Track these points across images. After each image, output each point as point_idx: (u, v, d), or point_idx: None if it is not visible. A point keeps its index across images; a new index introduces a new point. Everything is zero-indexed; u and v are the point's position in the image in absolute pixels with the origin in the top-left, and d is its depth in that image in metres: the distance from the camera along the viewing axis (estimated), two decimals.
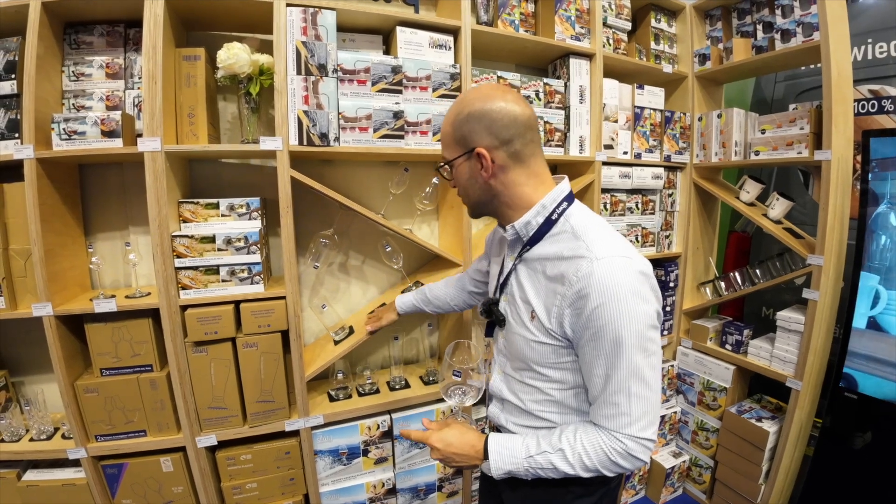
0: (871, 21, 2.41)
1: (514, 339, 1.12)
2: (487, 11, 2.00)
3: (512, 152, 1.03)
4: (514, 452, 1.03)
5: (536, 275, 1.06)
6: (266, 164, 1.90)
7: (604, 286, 0.91)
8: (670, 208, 2.58)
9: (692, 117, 2.52)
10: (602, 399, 0.97)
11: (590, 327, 0.94)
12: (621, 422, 0.95)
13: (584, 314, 0.93)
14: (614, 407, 0.95)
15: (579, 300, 0.94)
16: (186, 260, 1.58)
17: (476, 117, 1.02)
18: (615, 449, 0.96)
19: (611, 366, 0.94)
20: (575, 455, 0.97)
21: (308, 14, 1.62)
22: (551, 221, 1.06)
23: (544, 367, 1.06)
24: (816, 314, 1.97)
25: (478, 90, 1.06)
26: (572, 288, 0.95)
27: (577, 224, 1.04)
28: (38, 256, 1.48)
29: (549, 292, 1.02)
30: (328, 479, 1.91)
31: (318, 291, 2.06)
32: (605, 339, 0.92)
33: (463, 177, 1.09)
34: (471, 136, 1.03)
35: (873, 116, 2.38)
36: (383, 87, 1.76)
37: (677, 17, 2.53)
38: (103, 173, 1.75)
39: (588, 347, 0.96)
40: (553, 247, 1.04)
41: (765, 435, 2.16)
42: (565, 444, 0.99)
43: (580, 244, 0.99)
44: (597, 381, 0.97)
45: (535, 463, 1.01)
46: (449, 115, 1.08)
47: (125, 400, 1.62)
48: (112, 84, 1.66)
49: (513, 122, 1.01)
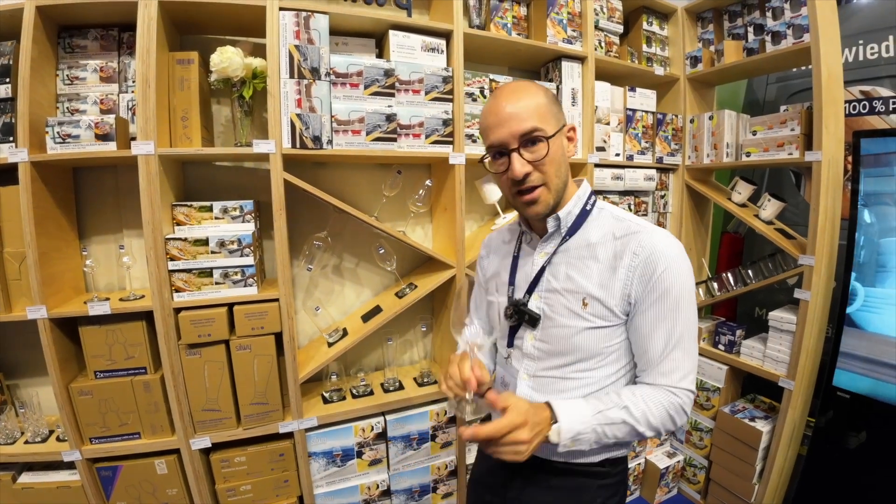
0: (862, 22, 2.43)
1: (558, 334, 1.08)
2: (480, 15, 2.02)
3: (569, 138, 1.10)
4: (581, 411, 0.97)
5: (583, 261, 1.07)
6: (259, 166, 1.90)
7: (668, 252, 0.99)
8: (663, 210, 2.59)
9: (684, 119, 2.54)
10: (662, 356, 1.01)
11: (655, 290, 0.99)
12: (678, 375, 1.01)
13: (653, 279, 0.99)
14: (673, 362, 1.00)
15: (648, 266, 1.00)
16: (180, 263, 1.59)
17: (554, 97, 1.07)
18: (673, 403, 1.00)
19: (672, 324, 1.00)
20: (639, 411, 0.98)
21: (301, 18, 1.63)
22: (586, 212, 1.11)
23: (596, 354, 1.06)
24: (808, 314, 1.98)
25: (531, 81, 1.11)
26: (638, 258, 1.00)
27: (613, 210, 1.12)
28: (33, 259, 1.49)
29: (606, 272, 1.04)
30: (322, 481, 1.92)
31: (312, 294, 2.07)
32: (669, 298, 0.99)
33: (558, 154, 1.05)
34: (560, 115, 1.07)
35: (865, 117, 2.39)
36: (376, 91, 1.77)
37: (669, 19, 2.55)
38: (97, 176, 1.76)
39: (651, 311, 1.01)
40: (598, 231, 1.09)
41: (758, 434, 2.17)
42: (627, 401, 0.99)
43: (629, 223, 1.06)
44: (657, 342, 1.01)
45: (604, 419, 0.97)
46: (538, 90, 1.05)
47: (119, 402, 1.63)
48: (106, 87, 1.67)
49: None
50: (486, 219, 2.34)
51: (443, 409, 2.04)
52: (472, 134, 1.98)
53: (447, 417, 2.06)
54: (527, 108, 1.01)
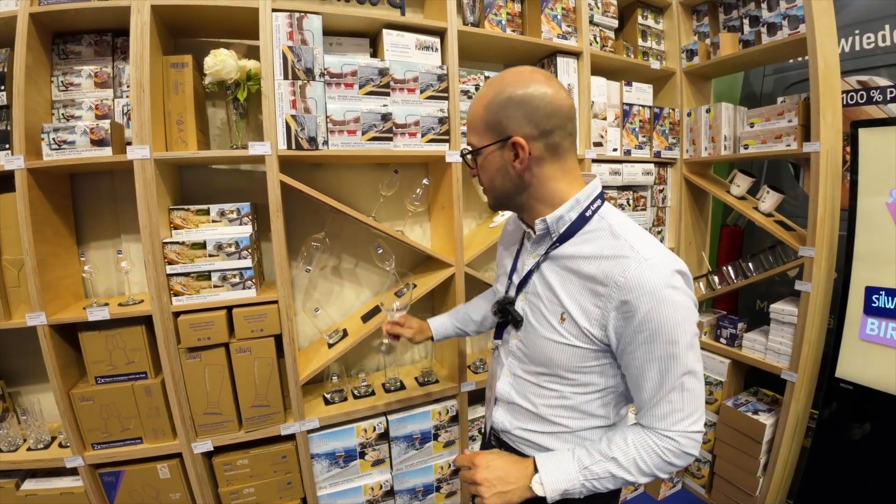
0: (858, 12, 2.42)
1: (535, 342, 1.05)
2: (474, 12, 2.01)
3: (550, 144, 0.96)
4: (566, 468, 0.96)
5: (568, 274, 0.99)
6: (256, 168, 1.90)
7: (654, 288, 0.87)
8: (661, 204, 2.58)
9: (681, 113, 2.53)
10: (656, 399, 0.93)
11: (643, 331, 0.89)
12: (675, 419, 0.92)
13: (636, 318, 0.88)
14: (669, 405, 0.92)
15: (627, 304, 0.89)
16: (178, 266, 1.59)
17: (516, 102, 0.94)
18: (668, 449, 0.92)
19: (666, 367, 0.90)
20: (629, 460, 0.93)
21: (294, 19, 1.63)
22: (585, 218, 1.00)
23: (572, 371, 1.01)
24: (809, 306, 1.98)
25: (518, 72, 0.97)
26: (619, 290, 0.89)
27: (614, 222, 0.98)
28: (31, 266, 1.49)
29: (586, 292, 0.95)
30: (325, 483, 1.92)
31: (311, 295, 2.06)
32: (659, 341, 0.88)
33: (492, 166, 1.00)
34: (507, 123, 0.95)
35: (862, 107, 2.38)
36: (371, 90, 1.77)
37: (664, 13, 2.55)
38: (94, 182, 1.76)
39: (640, 351, 0.91)
40: (589, 245, 0.98)
41: (762, 428, 2.16)
42: (616, 451, 0.95)
43: (621, 243, 0.93)
44: (649, 384, 0.93)
45: (591, 474, 0.94)
46: (482, 97, 0.99)
47: (121, 407, 1.63)
48: (101, 93, 1.67)
49: (556, 111, 0.94)
50: (485, 216, 2.34)
51: (445, 409, 2.04)
52: None
53: (449, 417, 2.06)
54: (469, 118, 1.03)
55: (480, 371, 2.16)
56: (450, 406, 2.06)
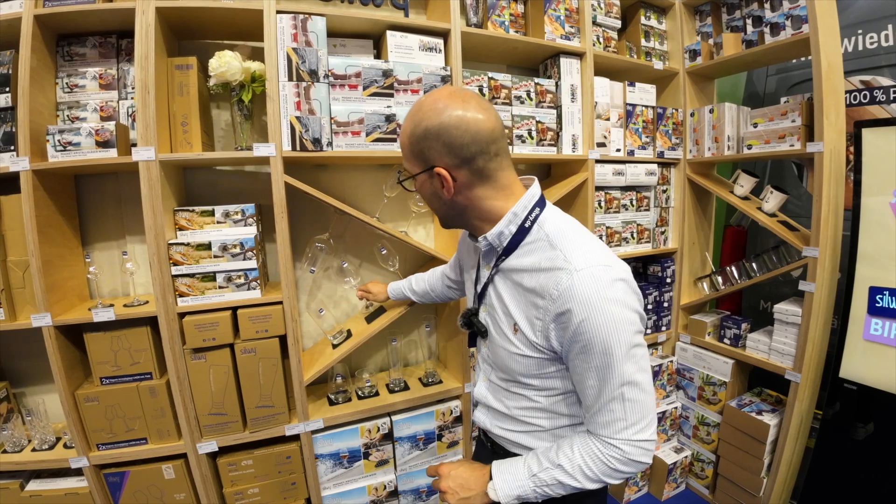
0: (861, 12, 2.42)
1: (497, 351, 1.08)
2: (477, 13, 2.02)
3: (475, 170, 0.95)
4: (517, 475, 1.00)
5: (515, 287, 1.01)
6: (260, 170, 1.91)
7: (586, 299, 0.87)
8: (665, 204, 2.58)
9: (684, 113, 2.53)
10: (596, 408, 0.95)
11: (578, 341, 0.90)
12: (617, 427, 0.93)
13: (570, 328, 0.90)
14: (610, 413, 0.93)
15: (563, 315, 0.90)
16: (183, 267, 1.60)
17: (433, 134, 0.93)
18: (613, 456, 0.93)
19: (602, 376, 0.91)
20: (574, 467, 0.95)
21: (298, 21, 1.63)
22: (524, 230, 1.00)
23: (529, 377, 1.03)
24: (813, 306, 1.97)
25: (435, 99, 0.95)
26: (554, 303, 0.91)
27: (551, 231, 0.99)
28: (36, 267, 1.49)
29: (529, 305, 0.97)
30: (330, 483, 1.92)
31: (316, 296, 2.07)
32: (593, 351, 0.89)
33: (426, 192, 1.03)
34: (429, 154, 0.95)
35: (865, 107, 2.38)
36: (375, 91, 1.77)
37: (667, 13, 2.55)
38: (99, 183, 1.77)
39: (578, 360, 0.93)
40: (528, 258, 0.99)
41: (766, 428, 2.16)
42: (563, 458, 0.97)
43: (557, 254, 0.94)
44: (590, 391, 0.94)
45: (539, 481, 0.98)
46: (405, 126, 0.99)
47: (126, 408, 1.63)
48: (106, 95, 1.68)
49: (473, 138, 0.92)
50: None
51: (449, 409, 2.04)
52: None
53: (453, 417, 2.06)
54: (400, 144, 1.04)
55: None
56: (454, 406, 2.06)
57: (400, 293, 1.80)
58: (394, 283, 1.83)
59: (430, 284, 1.71)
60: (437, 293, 1.70)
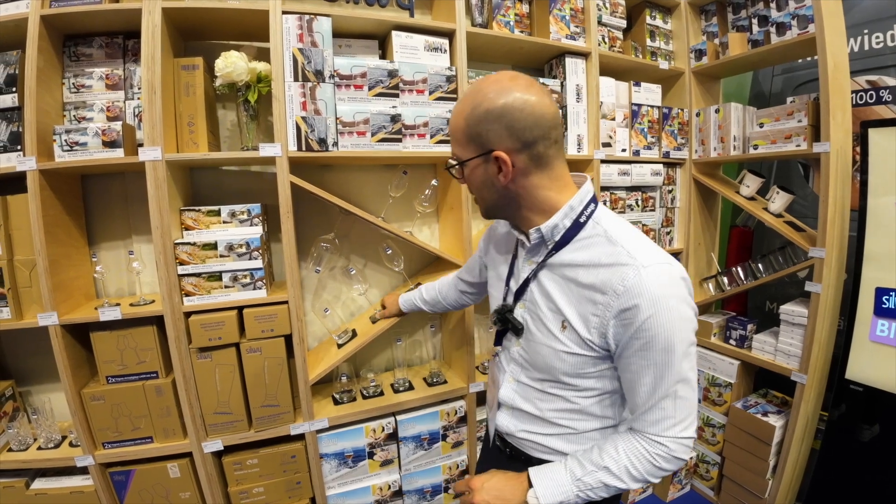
0: (867, 12, 2.41)
1: (537, 350, 1.04)
2: (482, 13, 2.01)
3: (534, 155, 0.93)
4: (559, 480, 0.97)
5: (566, 282, 0.98)
6: (266, 170, 1.91)
7: (654, 295, 0.86)
8: (670, 205, 2.58)
9: (690, 113, 2.52)
10: (648, 405, 0.93)
11: (640, 337, 0.88)
12: (666, 424, 0.92)
13: (634, 325, 0.88)
14: (661, 411, 0.92)
15: (627, 311, 0.88)
16: (189, 267, 1.60)
17: (495, 116, 0.90)
18: (658, 454, 0.93)
19: (660, 374, 0.90)
20: (621, 468, 0.94)
21: (304, 21, 1.64)
22: (579, 224, 0.98)
23: (574, 377, 1.00)
24: (819, 307, 1.96)
25: (496, 81, 0.93)
26: (618, 298, 0.89)
27: (609, 228, 0.97)
28: (43, 267, 1.50)
29: (585, 301, 0.95)
30: (334, 482, 1.92)
31: (321, 295, 2.07)
32: (655, 348, 0.88)
33: (477, 179, 0.99)
34: (488, 137, 0.92)
35: (872, 107, 2.37)
36: (380, 92, 1.77)
37: (672, 13, 2.54)
38: (106, 183, 1.77)
39: (635, 357, 0.91)
40: (585, 252, 0.96)
41: (771, 429, 2.15)
42: (608, 460, 0.95)
43: (619, 250, 0.92)
44: (643, 389, 0.92)
45: (583, 485, 0.95)
46: (462, 108, 0.96)
47: (131, 407, 1.64)
48: (112, 95, 1.68)
49: (537, 122, 0.90)
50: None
51: (453, 409, 2.04)
52: None
53: (458, 417, 2.06)
54: (451, 129, 1.01)
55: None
56: (458, 407, 2.06)
57: (411, 304, 1.73)
58: (405, 295, 1.75)
59: (441, 293, 1.64)
60: (448, 301, 1.63)
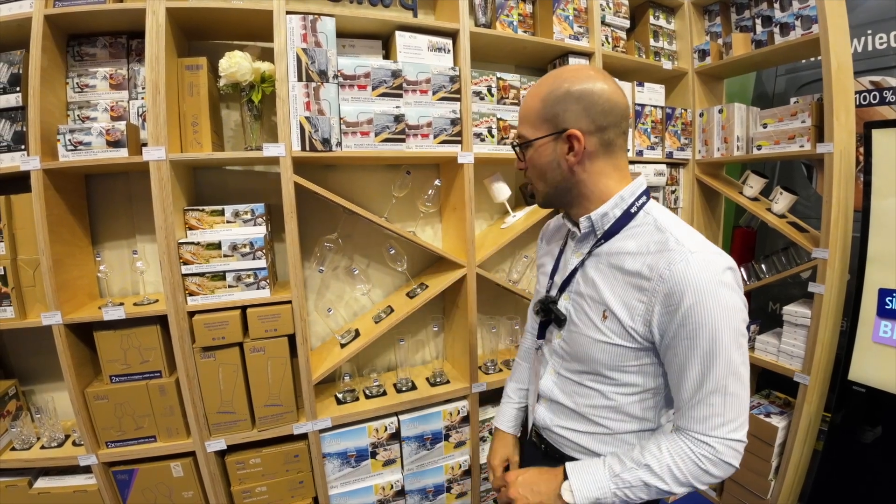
0: (870, 12, 2.40)
1: (578, 341, 1.04)
2: (485, 13, 2.01)
3: (604, 140, 0.96)
4: (596, 475, 0.95)
5: (612, 270, 0.98)
6: (270, 170, 1.91)
7: (700, 281, 0.85)
8: (674, 205, 2.57)
9: (693, 113, 2.52)
10: (695, 400, 0.90)
11: (685, 325, 0.87)
12: (713, 423, 0.89)
13: (680, 312, 0.87)
14: (708, 408, 0.89)
15: (672, 296, 0.87)
16: (193, 266, 1.60)
17: (575, 97, 0.94)
18: (704, 455, 0.89)
19: (707, 364, 0.87)
20: (663, 467, 0.91)
21: (308, 21, 1.64)
22: (630, 214, 0.99)
23: (613, 370, 0.99)
24: (822, 308, 1.96)
25: (577, 69, 0.99)
26: (664, 283, 0.88)
27: (659, 217, 0.97)
28: (47, 266, 1.50)
29: (631, 288, 0.94)
30: (337, 482, 1.92)
31: (324, 295, 2.07)
32: (702, 336, 0.86)
33: (544, 159, 1.00)
34: (564, 116, 0.95)
35: (875, 108, 2.37)
36: (384, 92, 1.77)
37: (676, 13, 2.54)
38: (109, 183, 1.77)
39: (681, 347, 0.89)
40: (632, 241, 0.97)
41: (774, 430, 2.15)
42: (650, 458, 0.92)
43: (667, 237, 0.92)
44: (689, 382, 0.90)
45: (622, 482, 0.93)
46: (539, 90, 0.99)
47: (135, 406, 1.64)
48: (116, 94, 1.68)
49: (612, 108, 0.94)
50: (496, 217, 2.34)
51: (456, 409, 2.04)
52: (481, 133, 1.97)
53: (460, 417, 2.06)
54: (523, 111, 1.03)
55: (491, 372, 2.15)
56: (461, 407, 2.06)
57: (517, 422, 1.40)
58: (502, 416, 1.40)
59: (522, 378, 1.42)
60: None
